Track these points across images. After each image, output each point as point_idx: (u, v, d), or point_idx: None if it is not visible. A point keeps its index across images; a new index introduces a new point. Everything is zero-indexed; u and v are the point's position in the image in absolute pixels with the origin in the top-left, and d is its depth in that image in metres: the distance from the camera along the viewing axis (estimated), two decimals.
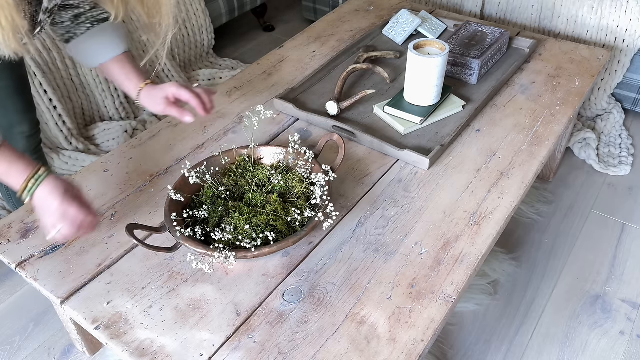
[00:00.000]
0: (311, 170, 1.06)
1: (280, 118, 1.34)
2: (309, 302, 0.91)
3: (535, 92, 1.39)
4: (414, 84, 1.28)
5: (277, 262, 0.98)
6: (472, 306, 1.41)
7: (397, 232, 1.03)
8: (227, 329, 0.87)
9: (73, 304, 0.92)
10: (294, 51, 1.60)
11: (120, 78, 1.07)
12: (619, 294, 1.45)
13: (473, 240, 1.01)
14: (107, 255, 1.00)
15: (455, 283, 0.93)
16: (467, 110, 1.33)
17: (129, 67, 1.07)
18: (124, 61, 1.07)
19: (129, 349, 0.85)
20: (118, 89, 1.96)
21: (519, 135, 1.25)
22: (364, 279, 0.94)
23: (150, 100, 1.07)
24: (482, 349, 1.33)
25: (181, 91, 1.05)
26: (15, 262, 1.00)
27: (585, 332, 1.37)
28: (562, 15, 1.94)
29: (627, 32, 1.84)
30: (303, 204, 1.00)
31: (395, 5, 1.84)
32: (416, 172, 1.16)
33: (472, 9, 2.13)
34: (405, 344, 0.84)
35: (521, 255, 1.56)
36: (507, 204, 1.08)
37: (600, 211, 1.70)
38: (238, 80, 1.48)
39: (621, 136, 1.95)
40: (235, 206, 0.99)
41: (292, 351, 0.84)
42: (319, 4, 2.56)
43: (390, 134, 1.26)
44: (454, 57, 1.42)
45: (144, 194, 1.13)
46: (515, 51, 1.56)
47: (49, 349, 1.36)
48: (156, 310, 0.90)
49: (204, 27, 2.32)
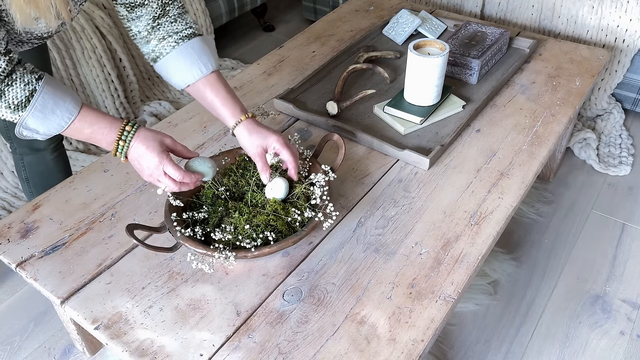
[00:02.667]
0: (309, 169, 1.06)
1: (280, 118, 1.34)
2: (309, 302, 0.91)
3: (535, 92, 1.39)
4: (414, 84, 1.28)
5: (277, 262, 0.98)
6: (472, 306, 1.41)
7: (397, 232, 1.03)
8: (227, 329, 0.87)
9: (73, 304, 0.92)
10: (294, 51, 1.60)
11: (214, 104, 1.00)
12: (619, 294, 1.45)
13: (473, 240, 1.01)
14: (107, 255, 1.00)
15: (455, 283, 0.93)
16: (467, 110, 1.33)
17: (223, 92, 1.00)
18: (215, 84, 0.99)
19: (129, 349, 0.85)
20: (118, 89, 1.97)
21: (519, 135, 1.25)
22: (364, 279, 0.94)
23: (247, 140, 0.99)
24: (482, 349, 1.33)
25: (283, 151, 0.98)
26: (15, 262, 1.00)
27: (585, 332, 1.37)
28: (562, 15, 1.94)
29: (627, 32, 1.84)
30: (303, 204, 1.00)
31: (395, 5, 1.84)
32: (416, 172, 1.16)
33: (472, 9, 2.13)
34: (405, 344, 0.84)
35: (521, 255, 1.56)
36: (507, 204, 1.08)
37: (600, 211, 1.70)
38: (238, 80, 1.48)
39: (621, 136, 1.95)
40: (235, 206, 0.99)
41: (292, 351, 0.84)
42: (319, 4, 2.56)
43: (390, 134, 1.26)
44: (454, 57, 1.42)
45: (144, 194, 1.13)
46: (515, 51, 1.56)
47: (49, 349, 1.36)
48: (156, 310, 0.90)
49: (204, 27, 2.32)
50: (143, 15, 0.96)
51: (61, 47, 1.80)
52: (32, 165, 1.32)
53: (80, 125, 0.86)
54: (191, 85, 0.99)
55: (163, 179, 0.90)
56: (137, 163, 0.90)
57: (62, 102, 0.84)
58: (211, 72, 0.99)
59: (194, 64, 0.97)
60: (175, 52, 0.96)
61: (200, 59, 0.98)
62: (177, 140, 0.94)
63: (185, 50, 0.97)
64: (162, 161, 0.89)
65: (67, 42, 1.82)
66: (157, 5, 0.96)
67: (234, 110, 0.99)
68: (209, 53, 0.99)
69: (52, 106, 0.83)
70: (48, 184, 1.28)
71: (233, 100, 1.00)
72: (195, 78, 0.98)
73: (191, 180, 0.91)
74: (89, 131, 0.87)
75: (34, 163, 1.31)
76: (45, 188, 1.25)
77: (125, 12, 0.96)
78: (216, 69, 1.00)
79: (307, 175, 1.07)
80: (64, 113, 0.84)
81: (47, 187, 1.24)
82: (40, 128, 0.84)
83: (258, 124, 1.00)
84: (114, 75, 1.94)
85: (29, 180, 1.34)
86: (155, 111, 2.07)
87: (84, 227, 1.06)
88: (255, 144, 0.98)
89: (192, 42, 0.98)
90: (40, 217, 1.08)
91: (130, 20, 0.97)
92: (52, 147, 1.31)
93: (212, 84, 0.99)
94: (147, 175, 0.90)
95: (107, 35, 1.93)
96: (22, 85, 0.81)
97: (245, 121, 0.99)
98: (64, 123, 0.84)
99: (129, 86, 2.04)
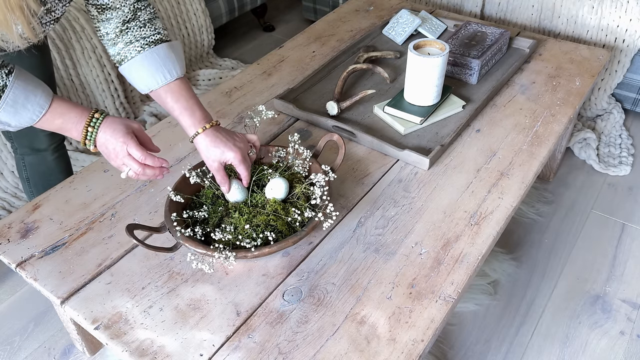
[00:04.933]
0: (309, 169, 1.06)
1: (280, 118, 1.34)
2: (309, 302, 0.91)
3: (535, 92, 1.39)
4: (414, 84, 1.28)
5: (277, 262, 0.98)
6: (472, 306, 1.41)
7: (397, 232, 1.03)
8: (227, 329, 0.87)
9: (73, 304, 0.92)
10: (294, 51, 1.60)
11: (174, 112, 0.98)
12: (619, 294, 1.45)
13: (473, 240, 1.01)
14: (107, 255, 1.00)
15: (455, 283, 0.93)
16: (467, 110, 1.33)
17: (184, 100, 0.97)
18: (177, 91, 0.97)
19: (129, 349, 0.85)
20: (118, 89, 1.97)
21: (519, 135, 1.25)
22: (364, 279, 0.94)
23: (205, 153, 0.98)
24: (482, 349, 1.33)
25: (240, 167, 0.98)
26: (15, 262, 1.00)
27: (585, 332, 1.37)
28: (562, 15, 1.94)
29: (627, 32, 1.84)
30: (303, 204, 1.00)
31: (395, 5, 1.84)
32: (416, 172, 1.16)
33: (472, 9, 2.13)
34: (405, 344, 0.84)
35: (521, 255, 1.56)
36: (507, 204, 1.08)
37: (600, 211, 1.70)
38: (238, 80, 1.49)
39: (621, 136, 1.95)
40: (235, 206, 0.99)
41: (292, 351, 0.84)
42: (319, 4, 2.56)
43: (390, 134, 1.26)
44: (454, 57, 1.42)
45: (144, 194, 1.13)
46: (515, 51, 1.56)
47: (49, 349, 1.36)
48: (156, 310, 0.90)
49: (204, 27, 2.32)
50: (113, 18, 0.95)
51: (61, 47, 1.80)
52: (33, 166, 1.32)
53: (52, 117, 0.86)
54: (154, 91, 0.98)
55: (127, 161, 0.89)
56: (104, 148, 0.90)
57: (34, 96, 0.83)
58: (175, 80, 0.98)
59: (158, 70, 0.96)
60: (140, 57, 0.95)
61: (164, 65, 0.96)
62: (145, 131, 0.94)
63: (150, 56, 0.95)
64: (127, 141, 0.88)
65: (67, 42, 1.82)
66: (128, 10, 0.95)
67: (193, 119, 0.97)
68: (174, 60, 0.97)
69: (24, 101, 0.82)
70: (49, 184, 1.28)
71: (193, 108, 0.98)
72: (159, 84, 0.96)
73: (154, 163, 0.91)
74: (60, 121, 0.87)
75: (35, 163, 1.31)
76: (46, 188, 1.25)
77: (96, 13, 0.95)
78: (181, 76, 0.98)
79: (307, 175, 1.07)
80: (35, 107, 0.84)
81: (48, 187, 1.24)
82: (12, 121, 0.84)
83: (217, 135, 0.97)
84: (114, 75, 1.94)
85: (29, 180, 1.34)
86: (155, 111, 2.07)
87: (84, 227, 1.06)
88: (212, 158, 0.97)
89: (158, 48, 0.96)
90: (40, 217, 1.08)
91: (100, 21, 0.96)
92: (53, 148, 1.31)
93: (174, 91, 0.97)
94: (114, 158, 0.90)
95: None
96: None
97: (203, 133, 0.97)
98: (35, 117, 0.84)
99: (129, 86, 2.04)
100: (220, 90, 1.44)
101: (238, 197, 1.01)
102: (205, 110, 1.00)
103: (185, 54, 2.31)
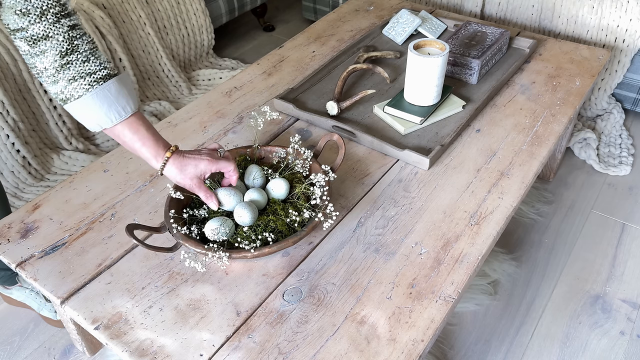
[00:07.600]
0: (310, 169, 1.06)
1: (280, 118, 1.34)
2: (309, 302, 0.91)
3: (536, 92, 1.39)
4: (414, 84, 1.28)
5: (277, 262, 0.98)
6: (472, 306, 1.41)
7: (397, 232, 1.03)
8: (227, 329, 0.87)
9: (73, 304, 0.92)
10: (294, 51, 1.60)
11: (133, 145, 0.92)
12: (619, 294, 1.45)
13: (473, 240, 1.01)
14: (107, 255, 1.00)
15: (455, 283, 0.93)
16: (467, 110, 1.33)
17: (142, 132, 0.92)
18: (134, 124, 0.92)
19: (129, 349, 0.85)
20: None
21: (519, 135, 1.25)
22: (364, 279, 0.94)
23: (180, 176, 0.95)
24: (482, 349, 1.33)
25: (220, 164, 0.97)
26: (15, 262, 1.00)
27: (585, 332, 1.37)
28: (562, 15, 1.94)
29: (627, 32, 1.84)
30: (303, 204, 1.00)
31: (395, 5, 1.84)
32: (416, 172, 1.16)
33: (472, 9, 2.13)
34: (405, 344, 0.84)
35: (521, 255, 1.56)
36: (507, 204, 1.08)
37: (600, 211, 1.70)
38: (238, 80, 1.49)
39: (621, 136, 1.95)
40: None
41: (292, 351, 0.84)
42: (319, 4, 2.56)
43: (390, 134, 1.26)
44: (454, 57, 1.42)
45: (144, 194, 1.13)
46: (515, 51, 1.56)
47: (49, 349, 1.36)
48: (156, 310, 0.90)
49: (204, 27, 2.32)
50: (48, 50, 0.83)
51: None
52: None
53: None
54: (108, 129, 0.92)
55: None
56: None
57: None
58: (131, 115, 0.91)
59: (111, 107, 0.88)
60: (89, 95, 0.87)
61: (118, 102, 0.89)
62: None
63: (102, 93, 0.87)
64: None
65: None
66: (63, 39, 0.84)
67: (157, 149, 0.93)
68: (126, 95, 0.90)
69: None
70: None
71: (154, 138, 0.93)
72: (113, 122, 0.90)
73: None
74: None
75: None
76: None
77: (27, 47, 0.83)
78: (135, 111, 0.92)
79: (307, 175, 1.07)
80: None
81: None
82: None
83: (183, 155, 0.95)
84: None
85: None
86: (155, 111, 2.07)
87: (83, 227, 1.06)
88: (189, 177, 0.94)
89: (108, 84, 0.88)
90: (40, 217, 1.08)
91: (33, 55, 0.84)
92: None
93: (131, 124, 0.91)
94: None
95: (107, 35, 1.93)
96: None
97: (171, 158, 0.94)
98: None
99: None
100: (220, 90, 1.44)
101: (232, 202, 0.97)
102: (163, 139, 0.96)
103: (185, 53, 2.31)
